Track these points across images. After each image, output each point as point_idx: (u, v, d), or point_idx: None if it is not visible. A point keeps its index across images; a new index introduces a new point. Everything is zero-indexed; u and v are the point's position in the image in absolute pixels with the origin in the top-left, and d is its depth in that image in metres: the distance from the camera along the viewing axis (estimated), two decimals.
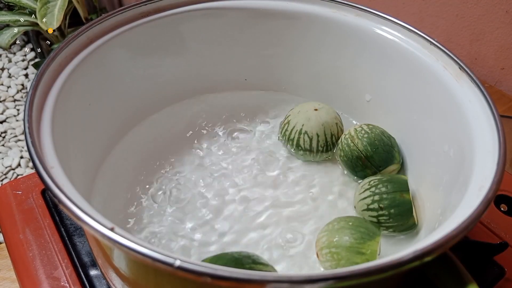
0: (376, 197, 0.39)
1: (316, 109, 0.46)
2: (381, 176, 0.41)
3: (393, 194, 0.38)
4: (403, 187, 0.39)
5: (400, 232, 0.40)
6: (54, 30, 1.33)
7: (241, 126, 0.51)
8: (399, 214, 0.38)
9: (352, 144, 0.43)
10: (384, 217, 0.38)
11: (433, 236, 0.26)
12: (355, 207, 0.41)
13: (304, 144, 0.46)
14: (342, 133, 0.46)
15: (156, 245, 0.39)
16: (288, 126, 0.47)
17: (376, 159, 0.42)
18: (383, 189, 0.39)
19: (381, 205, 0.38)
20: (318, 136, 0.45)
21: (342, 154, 0.45)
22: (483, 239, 0.41)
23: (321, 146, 0.46)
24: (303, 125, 0.45)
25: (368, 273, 0.23)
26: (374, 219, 0.39)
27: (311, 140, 0.45)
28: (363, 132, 0.44)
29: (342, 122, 0.48)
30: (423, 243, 0.25)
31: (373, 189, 0.39)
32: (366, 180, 0.41)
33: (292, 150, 0.47)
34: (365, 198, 0.40)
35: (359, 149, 0.43)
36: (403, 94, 0.44)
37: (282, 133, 0.48)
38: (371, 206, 0.39)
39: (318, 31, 0.47)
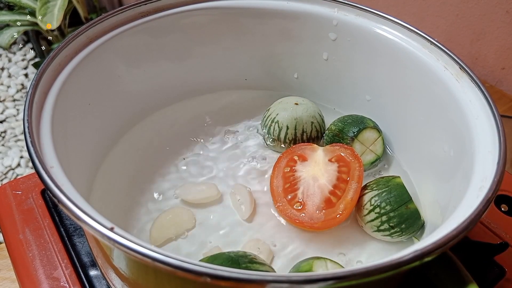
0: (384, 218, 0.38)
1: (296, 103, 0.47)
2: (378, 190, 0.39)
3: (399, 210, 0.38)
4: (405, 196, 0.38)
5: (412, 234, 0.39)
6: (53, 30, 1.33)
7: (240, 125, 0.51)
8: (410, 226, 0.38)
9: (328, 132, 0.47)
10: (397, 233, 0.39)
11: (433, 236, 0.26)
12: (362, 227, 0.41)
13: (273, 132, 0.47)
14: (319, 133, 0.48)
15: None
16: (267, 113, 0.49)
17: (347, 128, 0.45)
18: (388, 208, 0.38)
19: (391, 224, 0.38)
20: (287, 128, 0.46)
21: (324, 144, 0.47)
22: (483, 239, 0.41)
23: (289, 139, 0.47)
24: (277, 115, 0.47)
25: (368, 273, 0.23)
26: (388, 237, 0.39)
27: (280, 130, 0.47)
28: (335, 120, 0.48)
29: (324, 124, 0.48)
30: (423, 243, 0.25)
31: (377, 209, 0.39)
32: (366, 198, 0.40)
33: (265, 136, 0.49)
34: (372, 220, 0.39)
35: (333, 130, 0.47)
36: (403, 94, 0.44)
37: (263, 119, 0.49)
38: (382, 227, 0.39)
39: (319, 31, 0.47)
